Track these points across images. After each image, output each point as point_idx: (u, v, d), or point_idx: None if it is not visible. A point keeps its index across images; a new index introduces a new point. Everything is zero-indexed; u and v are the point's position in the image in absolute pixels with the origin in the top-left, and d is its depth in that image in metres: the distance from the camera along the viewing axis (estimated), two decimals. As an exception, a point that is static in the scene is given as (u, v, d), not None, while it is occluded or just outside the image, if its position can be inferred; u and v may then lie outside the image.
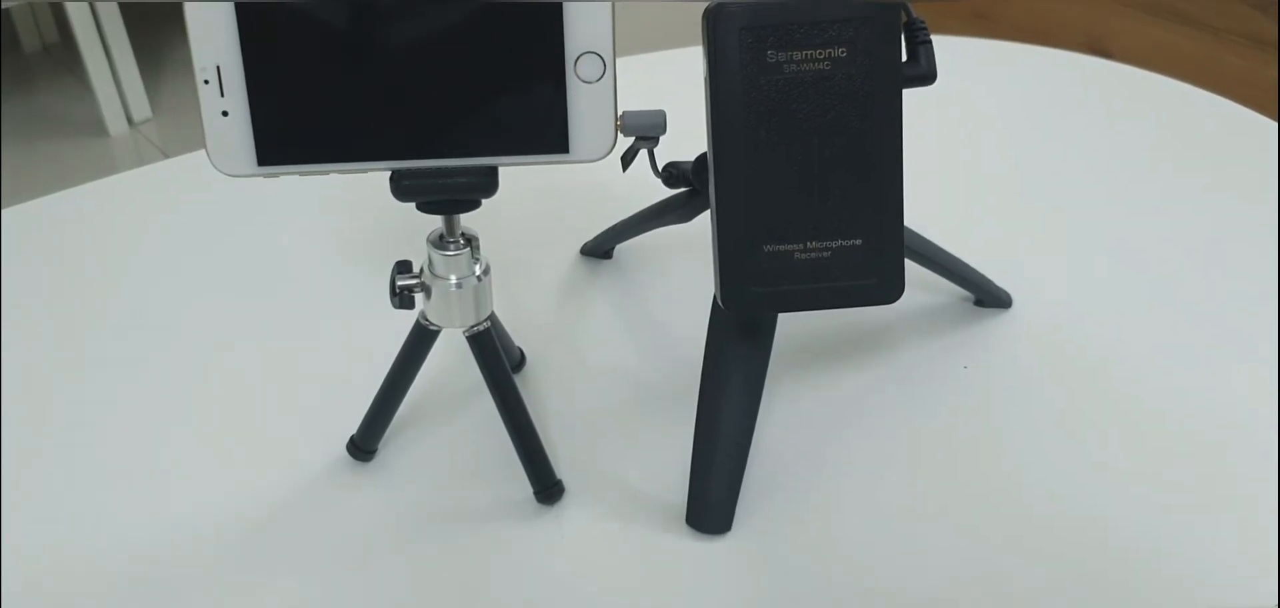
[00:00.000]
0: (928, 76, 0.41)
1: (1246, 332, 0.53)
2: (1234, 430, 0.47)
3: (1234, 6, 1.25)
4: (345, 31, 0.36)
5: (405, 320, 0.44)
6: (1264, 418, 0.48)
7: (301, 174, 0.37)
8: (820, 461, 0.47)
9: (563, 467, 0.46)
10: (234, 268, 0.59)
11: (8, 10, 1.95)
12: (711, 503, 0.43)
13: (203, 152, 0.37)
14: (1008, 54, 0.79)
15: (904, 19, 0.39)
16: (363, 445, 0.47)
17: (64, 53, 2.06)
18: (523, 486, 0.45)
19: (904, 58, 0.40)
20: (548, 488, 0.45)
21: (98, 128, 1.83)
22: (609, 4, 0.36)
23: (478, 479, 0.46)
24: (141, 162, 1.80)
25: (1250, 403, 0.49)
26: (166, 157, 1.58)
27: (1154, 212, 0.62)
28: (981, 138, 0.69)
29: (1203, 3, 1.27)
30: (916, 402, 0.49)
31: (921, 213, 0.48)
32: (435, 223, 0.41)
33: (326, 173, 0.38)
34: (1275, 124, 0.69)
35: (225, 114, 0.36)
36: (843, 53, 0.37)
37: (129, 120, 1.84)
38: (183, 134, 1.82)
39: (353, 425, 0.47)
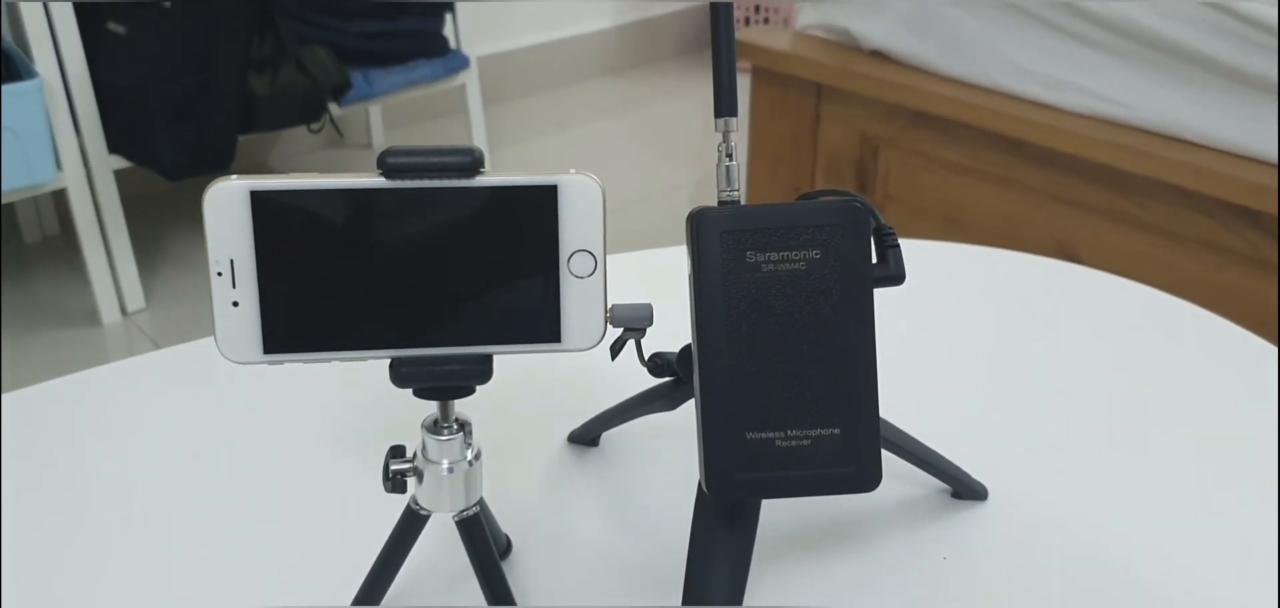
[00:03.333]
0: (897, 277, 0.43)
1: (1218, 533, 0.54)
2: (1209, 623, 0.48)
3: (1192, 216, 1.31)
4: (353, 229, 0.38)
5: (393, 506, 0.45)
6: (1238, 610, 0.49)
7: (305, 362, 0.39)
8: (803, 650, 0.47)
9: (547, 655, 0.46)
10: (223, 455, 0.60)
11: (9, 205, 2.01)
12: (696, 692, 0.43)
13: (195, 342, 0.39)
14: (979, 257, 0.83)
15: (873, 225, 0.42)
16: (348, 632, 0.47)
17: (63, 244, 2.10)
18: (507, 673, 0.45)
19: (874, 260, 0.43)
20: (532, 676, 0.45)
21: (91, 317, 1.86)
22: (601, 207, 0.39)
23: (462, 667, 0.46)
24: (132, 351, 1.82)
25: (1220, 599, 0.49)
26: (158, 346, 1.60)
27: (1124, 410, 0.64)
28: (957, 336, 0.72)
29: (1163, 212, 1.34)
30: (897, 593, 0.50)
31: (898, 406, 0.50)
32: (428, 408, 0.43)
33: (329, 361, 0.39)
34: (1234, 327, 0.72)
35: (236, 304, 0.38)
36: (816, 254, 0.40)
37: (123, 310, 1.87)
38: (175, 324, 1.85)
39: (339, 611, 0.47)
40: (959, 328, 0.73)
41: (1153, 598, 0.50)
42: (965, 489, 0.55)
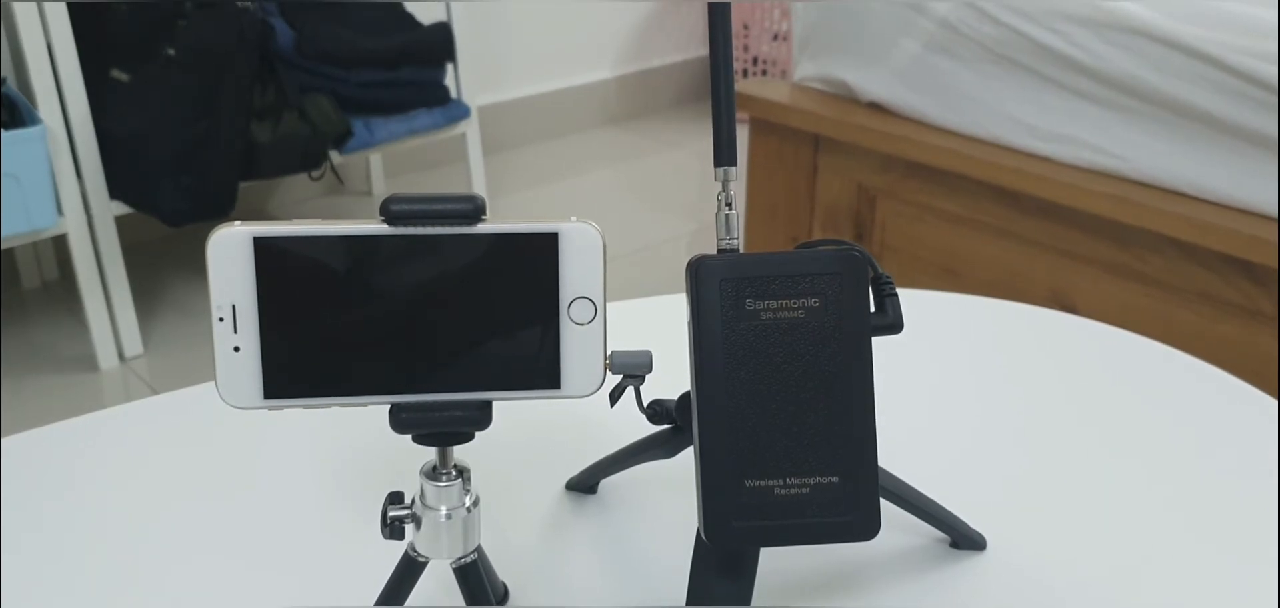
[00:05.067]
0: (895, 326, 0.43)
1: (1218, 587, 0.54)
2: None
3: (1188, 268, 1.32)
4: (354, 276, 0.38)
5: (391, 552, 0.45)
6: (1239, 663, 0.48)
7: (304, 407, 0.39)
8: (802, 702, 0.46)
9: (544, 705, 0.45)
10: (221, 501, 0.59)
11: (9, 250, 2.01)
12: None
13: (193, 388, 0.39)
14: (977, 307, 0.83)
15: (871, 274, 0.42)
16: (343, 680, 0.46)
17: (61, 290, 2.10)
18: (503, 724, 0.44)
19: (872, 308, 0.43)
20: (529, 727, 0.44)
21: (89, 363, 1.85)
22: (601, 255, 0.39)
23: (458, 717, 0.45)
24: (130, 397, 1.82)
25: (1225, 648, 0.49)
26: (155, 391, 1.60)
27: (1122, 462, 0.64)
28: (955, 386, 0.72)
29: (1159, 264, 1.34)
30: (897, 643, 0.50)
31: (897, 455, 0.50)
32: (427, 454, 0.43)
33: (329, 406, 0.39)
34: (1232, 379, 0.72)
35: (237, 350, 0.39)
36: (815, 303, 0.40)
37: (120, 356, 1.87)
38: (173, 370, 1.85)
39: (335, 659, 0.46)
40: (956, 378, 0.73)
41: (1153, 650, 0.49)
42: (964, 539, 0.55)
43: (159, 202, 1.82)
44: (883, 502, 0.41)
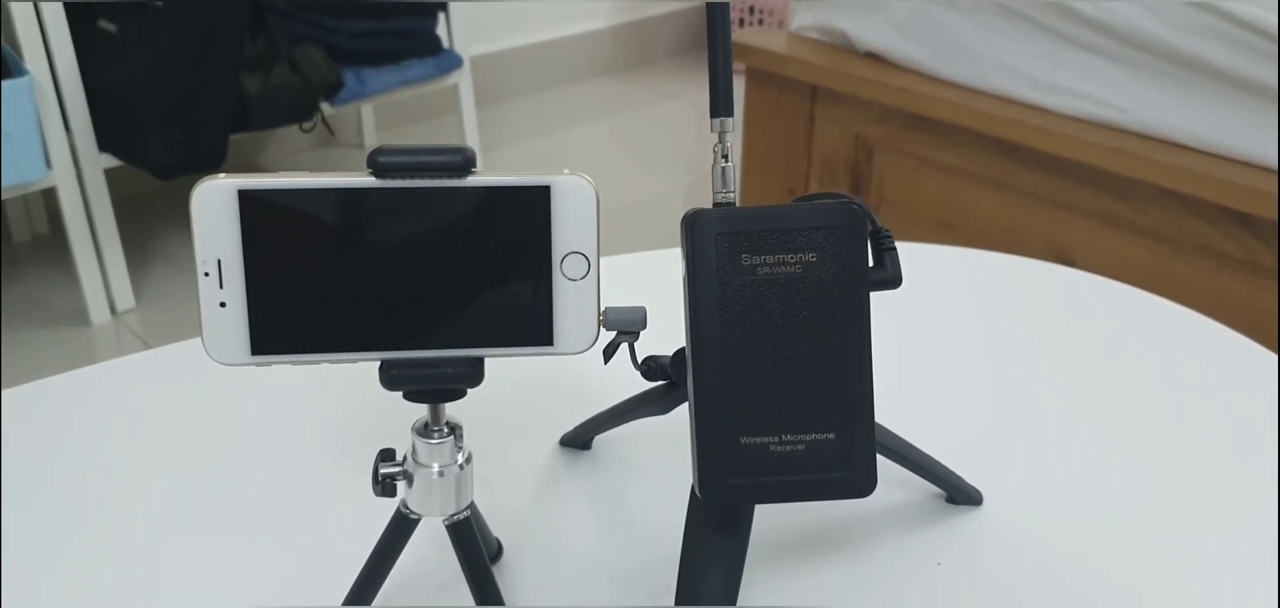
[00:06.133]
0: (893, 281, 0.43)
1: (1216, 539, 0.54)
2: (1206, 630, 0.48)
3: (1187, 220, 1.31)
4: (342, 230, 0.38)
5: (383, 510, 0.44)
6: (1235, 618, 0.48)
7: (293, 363, 0.39)
8: (798, 657, 0.46)
9: (538, 661, 0.45)
10: (212, 456, 0.59)
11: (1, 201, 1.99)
12: (688, 700, 0.42)
13: (184, 342, 0.38)
14: (973, 261, 0.83)
15: (869, 227, 0.42)
16: (336, 637, 0.46)
17: (52, 243, 2.09)
18: (498, 680, 0.44)
19: (871, 263, 0.42)
20: (523, 683, 0.44)
21: (81, 317, 1.84)
22: (594, 209, 0.38)
23: (452, 674, 0.45)
24: (122, 351, 1.81)
25: (1218, 603, 0.49)
26: (147, 346, 1.59)
27: (1119, 416, 0.64)
28: (952, 340, 0.72)
29: (1158, 217, 1.34)
30: (892, 598, 0.50)
31: (893, 411, 0.49)
32: (419, 412, 0.42)
33: (318, 362, 0.39)
34: (1229, 332, 0.72)
35: (223, 305, 0.38)
36: (813, 258, 0.39)
37: (112, 310, 1.86)
38: (165, 324, 1.84)
39: (327, 616, 0.46)
40: (953, 332, 0.73)
41: (1149, 605, 0.49)
42: (960, 495, 0.55)
43: (148, 154, 1.80)
44: (879, 458, 0.41)
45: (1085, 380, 0.67)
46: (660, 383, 0.50)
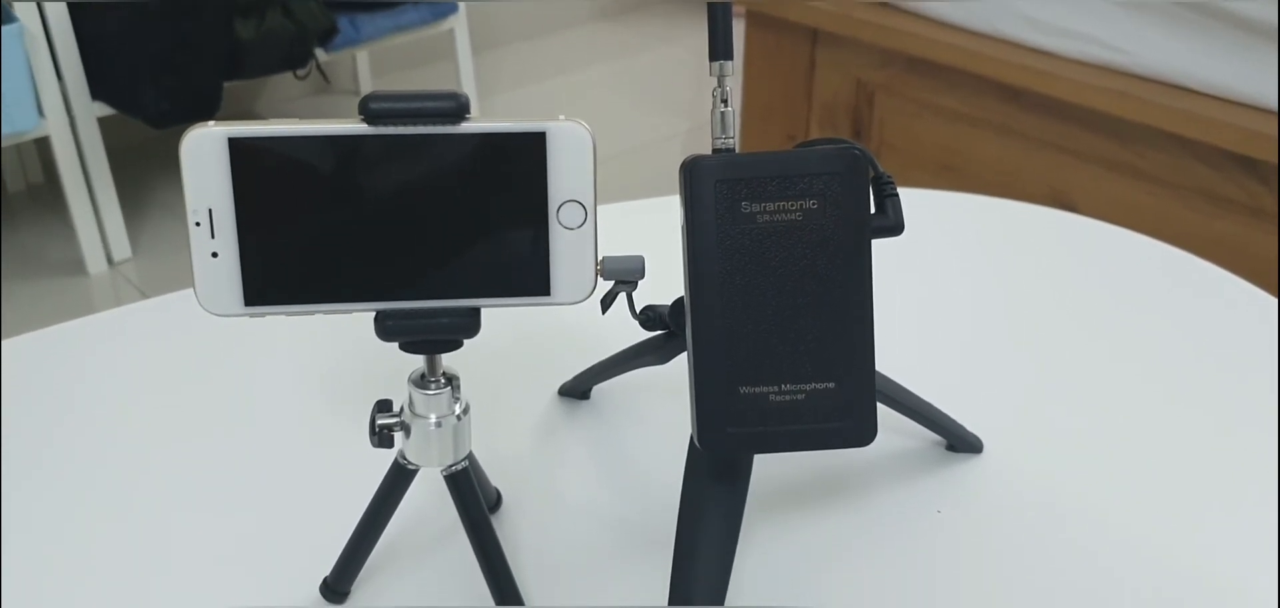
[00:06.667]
0: (895, 228, 0.42)
1: (1216, 484, 0.54)
2: (1206, 587, 0.48)
3: (1189, 164, 1.30)
4: (334, 178, 0.37)
5: (381, 460, 0.44)
6: (1231, 570, 0.48)
7: (287, 314, 0.38)
8: (797, 604, 0.46)
9: (538, 610, 0.45)
10: (211, 407, 0.59)
11: (-5, 151, 1.98)
12: (688, 647, 0.42)
13: (182, 292, 0.38)
14: (976, 206, 0.82)
15: (871, 174, 0.41)
16: (336, 587, 0.46)
17: (47, 193, 2.08)
18: (497, 629, 0.44)
19: (872, 210, 0.42)
20: (522, 632, 0.44)
21: (77, 267, 1.84)
22: (591, 156, 0.38)
23: (452, 623, 0.45)
24: (119, 301, 1.81)
25: (1218, 552, 0.49)
26: (144, 296, 1.59)
27: (1120, 361, 0.64)
28: (952, 286, 0.71)
29: (1160, 161, 1.33)
30: (891, 546, 0.50)
31: (893, 359, 0.49)
32: (416, 362, 0.42)
33: (312, 313, 0.38)
34: (1231, 276, 0.71)
35: (215, 255, 0.37)
36: (814, 205, 0.39)
37: (109, 260, 1.85)
38: (162, 274, 1.83)
39: (326, 567, 0.46)
40: (953, 278, 0.72)
41: (1149, 549, 0.49)
42: (960, 442, 0.55)
43: (142, 102, 1.78)
44: (879, 406, 0.41)
45: (1086, 326, 0.67)
46: (659, 332, 0.49)
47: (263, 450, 0.56)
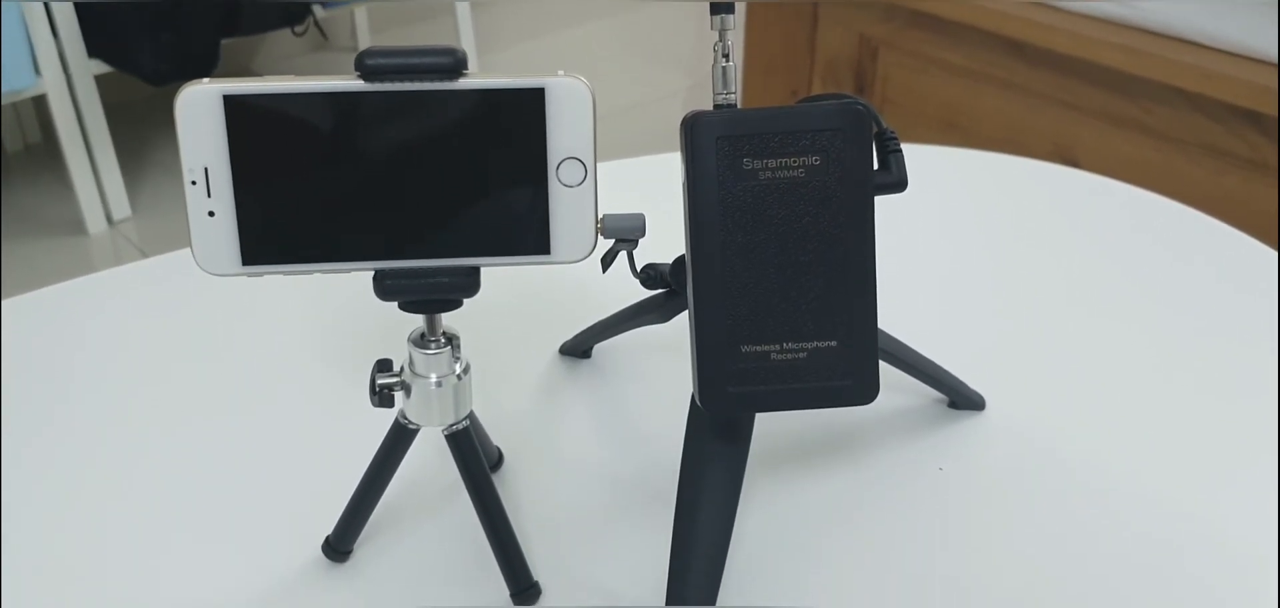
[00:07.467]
0: (899, 184, 0.42)
1: (1218, 438, 0.54)
2: (1208, 541, 0.48)
3: (1193, 119, 1.29)
4: (331, 135, 0.36)
5: (382, 420, 0.44)
6: (1232, 524, 0.48)
7: (285, 274, 0.38)
8: (799, 562, 0.46)
9: (540, 568, 0.46)
10: (211, 367, 0.59)
11: (-8, 110, 1.97)
12: (690, 605, 0.42)
13: (182, 251, 0.37)
14: (979, 162, 0.81)
15: (874, 129, 0.41)
16: (338, 546, 0.46)
17: (46, 152, 2.07)
18: (499, 587, 0.44)
19: (875, 166, 0.41)
20: (524, 590, 0.44)
21: (77, 227, 1.83)
22: (590, 112, 0.37)
23: (454, 581, 0.46)
24: (119, 260, 1.80)
25: (1220, 506, 0.49)
26: (145, 255, 1.58)
27: (1123, 317, 0.63)
28: (954, 243, 0.71)
29: (1165, 116, 1.31)
30: (893, 504, 0.50)
31: (896, 316, 0.49)
32: (416, 322, 0.41)
33: (310, 273, 0.38)
34: (1234, 231, 0.71)
35: (211, 214, 0.37)
36: (816, 161, 0.38)
37: (108, 219, 1.85)
38: (162, 233, 1.83)
39: (328, 525, 0.46)
40: (956, 234, 0.72)
41: (1152, 504, 0.49)
42: (962, 400, 0.55)
43: (138, 60, 1.77)
44: (881, 364, 0.40)
45: (1089, 282, 0.66)
46: (660, 291, 0.49)
47: (264, 410, 0.56)
